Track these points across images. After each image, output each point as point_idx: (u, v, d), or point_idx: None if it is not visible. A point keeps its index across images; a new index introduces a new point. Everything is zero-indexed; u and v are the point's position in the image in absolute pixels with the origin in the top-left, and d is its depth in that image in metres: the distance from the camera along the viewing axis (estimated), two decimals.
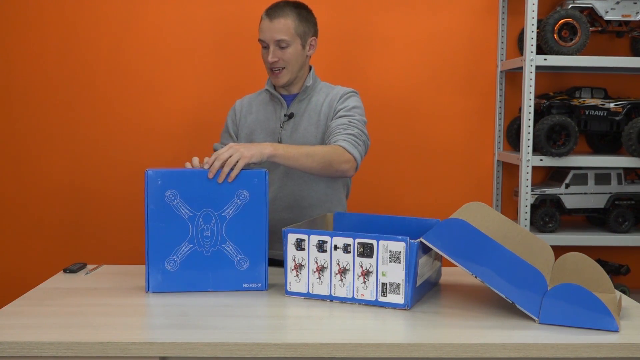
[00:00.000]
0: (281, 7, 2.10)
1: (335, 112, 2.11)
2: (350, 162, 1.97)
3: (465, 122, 3.03)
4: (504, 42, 2.99)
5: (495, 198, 3.05)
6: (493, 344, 1.36)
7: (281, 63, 2.09)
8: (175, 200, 1.68)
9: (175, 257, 1.70)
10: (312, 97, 2.17)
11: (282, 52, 2.08)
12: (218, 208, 1.69)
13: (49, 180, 2.98)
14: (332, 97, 2.15)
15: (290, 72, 2.11)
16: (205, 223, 1.70)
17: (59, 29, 2.94)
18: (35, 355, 1.35)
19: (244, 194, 1.70)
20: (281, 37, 2.06)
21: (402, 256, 1.56)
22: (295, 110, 2.16)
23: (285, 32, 2.07)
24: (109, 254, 3.01)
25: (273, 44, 2.08)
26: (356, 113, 2.10)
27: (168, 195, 1.67)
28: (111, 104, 2.96)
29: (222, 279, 1.71)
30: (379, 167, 3.03)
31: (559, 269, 1.73)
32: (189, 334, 1.39)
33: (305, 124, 2.13)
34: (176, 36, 2.95)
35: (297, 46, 2.10)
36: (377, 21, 2.97)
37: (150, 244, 1.69)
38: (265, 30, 2.08)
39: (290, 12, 2.09)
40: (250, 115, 2.21)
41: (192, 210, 1.69)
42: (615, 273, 2.89)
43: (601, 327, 1.44)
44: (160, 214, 1.68)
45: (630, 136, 2.69)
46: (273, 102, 2.20)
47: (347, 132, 2.01)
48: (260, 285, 1.73)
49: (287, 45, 2.08)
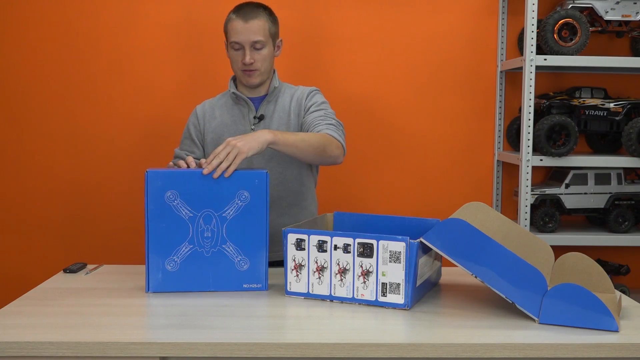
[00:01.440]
0: (252, 8, 2.09)
1: (306, 109, 2.14)
2: (339, 148, 2.00)
3: (465, 122, 3.03)
4: (504, 42, 2.99)
5: (495, 198, 3.05)
6: (493, 344, 1.36)
7: (256, 65, 2.09)
8: (175, 200, 1.68)
9: (175, 258, 1.70)
10: (279, 98, 2.19)
11: (258, 53, 2.09)
12: (219, 209, 1.69)
13: (49, 181, 2.98)
14: (298, 96, 2.18)
15: (263, 73, 2.12)
16: (205, 224, 1.69)
17: (59, 28, 2.93)
18: (35, 355, 1.35)
19: (244, 194, 1.70)
20: (258, 38, 2.06)
21: (402, 256, 1.56)
22: (265, 111, 2.17)
23: (261, 33, 2.07)
24: (109, 254, 3.01)
25: (248, 46, 2.07)
26: (327, 107, 2.15)
27: (168, 195, 1.67)
28: (112, 104, 2.96)
29: (222, 279, 1.71)
30: (379, 167, 3.03)
31: (559, 269, 1.73)
32: (189, 334, 1.39)
33: (276, 125, 2.15)
34: (176, 35, 2.95)
35: (270, 47, 2.12)
36: (377, 21, 2.97)
37: (150, 244, 1.68)
38: (240, 32, 2.06)
39: (262, 13, 2.09)
40: (215, 120, 2.20)
41: (193, 210, 1.68)
42: (615, 273, 2.89)
43: (601, 327, 1.44)
44: (160, 214, 1.68)
45: (630, 136, 2.69)
46: (239, 105, 2.19)
47: (327, 122, 2.06)
48: (261, 286, 1.73)
49: (262, 46, 2.08)
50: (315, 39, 2.95)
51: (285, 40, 2.94)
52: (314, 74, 2.97)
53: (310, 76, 2.97)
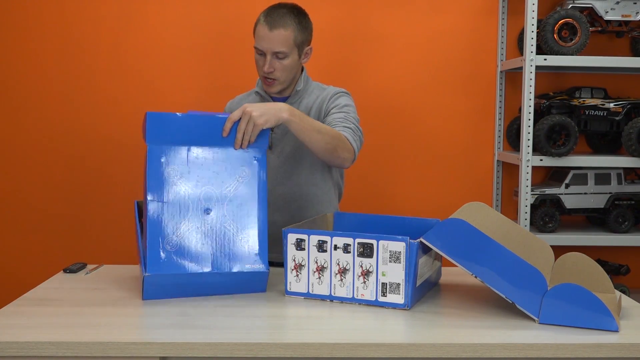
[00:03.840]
0: (282, 15, 2.02)
1: (327, 111, 2.08)
2: (350, 153, 1.94)
3: (465, 122, 3.03)
4: (504, 42, 2.99)
5: (495, 198, 3.05)
6: (493, 344, 1.36)
7: (276, 74, 2.04)
8: (175, 175, 1.65)
9: (174, 237, 1.63)
10: (303, 99, 2.14)
11: (279, 62, 2.03)
12: (219, 185, 1.67)
13: (49, 180, 2.98)
14: (322, 97, 2.12)
15: (283, 82, 2.07)
16: (206, 201, 1.66)
17: (59, 28, 2.93)
18: (35, 355, 1.34)
19: (245, 171, 1.68)
20: (280, 49, 2.00)
21: (402, 256, 1.56)
22: None
23: (285, 44, 2.00)
24: (109, 254, 3.01)
25: (270, 54, 2.01)
26: (350, 111, 2.07)
27: (168, 170, 1.64)
28: (112, 104, 2.96)
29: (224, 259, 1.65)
30: (379, 167, 3.03)
31: (559, 269, 1.73)
32: (189, 334, 1.39)
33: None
34: (176, 35, 2.95)
35: (294, 57, 2.05)
36: (377, 21, 2.97)
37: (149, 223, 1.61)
38: (263, 39, 2.01)
39: (291, 21, 2.02)
40: None
41: (192, 187, 1.65)
42: (615, 273, 2.89)
43: (601, 327, 1.44)
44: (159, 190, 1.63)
45: (630, 136, 2.69)
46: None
47: (345, 125, 1.99)
48: (262, 267, 1.68)
49: (284, 56, 2.02)
50: (315, 39, 2.95)
51: None
52: (312, 74, 2.97)
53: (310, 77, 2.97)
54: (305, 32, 2.06)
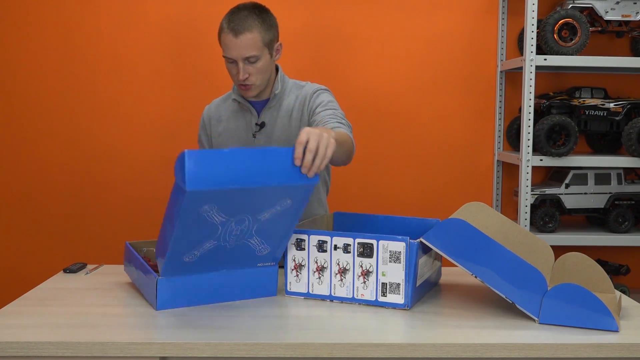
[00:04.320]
0: (244, 18, 1.93)
1: (311, 111, 2.04)
2: (354, 148, 1.89)
3: (465, 122, 3.03)
4: (504, 42, 2.99)
5: (495, 198, 3.05)
6: (493, 344, 1.36)
7: (251, 79, 1.98)
8: (211, 211, 1.48)
9: (195, 252, 1.55)
10: (283, 100, 2.09)
11: (252, 67, 1.97)
12: (256, 214, 1.54)
13: (50, 180, 2.98)
14: (302, 96, 2.08)
15: (260, 85, 2.01)
16: (237, 225, 1.54)
17: (59, 28, 2.93)
18: (35, 355, 1.34)
19: (287, 201, 1.53)
20: (251, 54, 1.94)
21: (402, 256, 1.56)
22: (267, 118, 2.08)
23: (254, 47, 1.94)
24: (109, 254, 3.01)
25: (242, 61, 1.95)
26: (336, 107, 2.01)
27: (205, 208, 1.47)
28: (113, 104, 2.96)
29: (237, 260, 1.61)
30: (379, 167, 3.03)
31: (559, 269, 1.73)
32: (189, 334, 1.39)
33: (279, 133, 2.07)
34: (178, 36, 2.95)
35: (266, 57, 1.99)
36: (377, 21, 2.97)
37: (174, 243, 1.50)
38: (231, 47, 1.93)
39: (254, 22, 1.94)
40: (220, 124, 2.14)
41: (227, 216, 1.51)
42: (615, 273, 2.89)
43: (601, 327, 1.44)
44: (190, 222, 1.48)
45: (630, 136, 2.69)
46: (242, 110, 2.11)
47: (338, 121, 1.92)
48: (273, 264, 1.66)
49: (256, 59, 1.96)
50: (315, 39, 2.96)
51: (286, 40, 2.94)
52: (313, 74, 2.97)
53: (309, 76, 2.97)
54: (271, 29, 2.00)
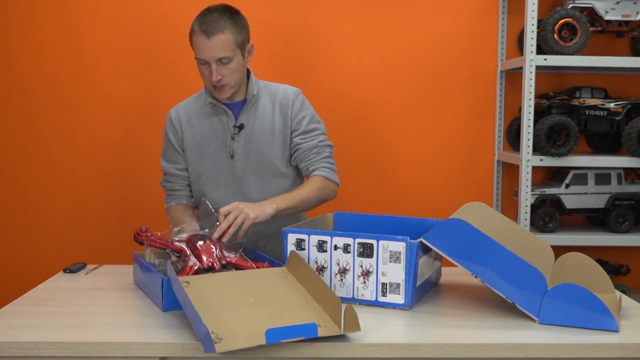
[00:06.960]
0: (215, 19, 1.93)
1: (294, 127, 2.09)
2: (335, 190, 2.09)
3: (465, 122, 3.03)
4: (504, 42, 2.99)
5: (495, 198, 3.05)
6: (493, 344, 1.36)
7: (225, 80, 1.98)
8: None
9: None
10: (258, 103, 2.09)
11: (225, 68, 1.96)
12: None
13: (49, 181, 2.98)
14: (280, 102, 2.09)
15: (234, 86, 2.01)
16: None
17: (59, 28, 2.94)
18: (35, 355, 1.35)
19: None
20: (223, 55, 1.94)
21: (402, 256, 1.56)
22: (245, 120, 2.07)
23: (227, 49, 1.94)
24: (109, 254, 3.01)
25: (215, 62, 1.95)
26: (318, 133, 2.11)
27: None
28: (112, 105, 2.96)
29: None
30: (379, 167, 3.03)
31: (559, 269, 1.73)
32: (189, 334, 1.39)
33: (259, 134, 2.07)
34: (176, 35, 2.95)
35: (238, 58, 1.99)
36: (377, 21, 2.97)
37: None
38: (203, 49, 1.93)
39: (226, 23, 1.94)
40: (192, 128, 2.11)
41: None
42: (615, 273, 2.89)
43: (601, 327, 1.44)
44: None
45: (630, 136, 2.69)
46: (217, 112, 2.09)
47: (322, 157, 2.08)
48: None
49: (229, 61, 1.96)
50: (315, 39, 2.96)
51: (282, 40, 2.94)
52: (314, 75, 2.97)
53: (310, 77, 2.97)
54: (242, 30, 2.00)
